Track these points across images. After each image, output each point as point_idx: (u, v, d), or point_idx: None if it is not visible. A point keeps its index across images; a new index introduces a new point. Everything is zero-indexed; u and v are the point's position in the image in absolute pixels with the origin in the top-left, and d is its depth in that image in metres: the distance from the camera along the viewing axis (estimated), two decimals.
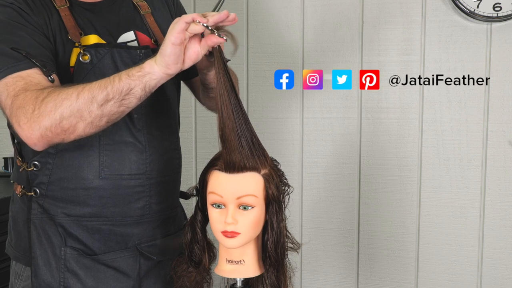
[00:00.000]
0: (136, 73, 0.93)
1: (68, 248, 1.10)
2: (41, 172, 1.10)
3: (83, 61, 1.07)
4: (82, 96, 0.92)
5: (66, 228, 1.11)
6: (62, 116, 0.92)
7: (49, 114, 0.92)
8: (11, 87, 0.97)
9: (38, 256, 1.10)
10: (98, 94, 0.92)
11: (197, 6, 2.03)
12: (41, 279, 1.10)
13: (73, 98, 0.92)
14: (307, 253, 1.99)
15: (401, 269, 1.91)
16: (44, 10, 1.08)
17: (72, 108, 0.92)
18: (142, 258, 1.16)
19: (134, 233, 1.15)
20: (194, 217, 1.04)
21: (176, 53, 0.91)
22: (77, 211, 1.11)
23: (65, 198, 1.10)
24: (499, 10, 1.72)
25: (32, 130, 0.93)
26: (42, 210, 1.11)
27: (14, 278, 1.17)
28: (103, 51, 1.09)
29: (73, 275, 1.10)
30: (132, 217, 1.14)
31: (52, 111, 0.92)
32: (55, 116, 0.92)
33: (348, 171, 1.93)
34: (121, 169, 1.11)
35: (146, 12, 1.23)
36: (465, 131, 1.82)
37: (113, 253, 1.13)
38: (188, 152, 2.09)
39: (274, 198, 0.97)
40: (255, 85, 2.00)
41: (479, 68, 1.78)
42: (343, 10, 1.89)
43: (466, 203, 1.84)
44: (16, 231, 1.17)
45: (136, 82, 0.93)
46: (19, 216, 1.16)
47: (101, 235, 1.12)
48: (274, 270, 1.01)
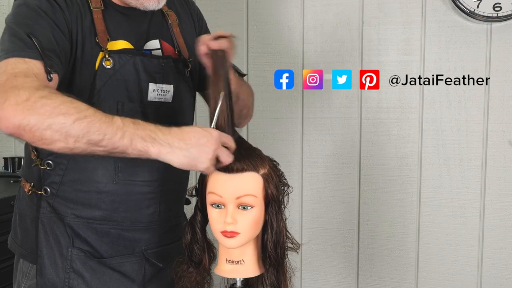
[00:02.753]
0: (139, 145, 0.90)
1: (75, 249, 1.10)
2: (54, 172, 1.10)
3: (106, 66, 1.07)
4: (78, 124, 0.88)
5: (74, 229, 1.11)
6: (49, 127, 0.88)
7: (39, 116, 0.88)
8: (10, 66, 0.94)
9: (45, 255, 1.10)
10: (94, 134, 0.89)
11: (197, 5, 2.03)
12: (46, 278, 1.10)
13: (69, 120, 0.88)
14: (307, 253, 1.99)
15: (401, 269, 1.91)
16: (78, 8, 1.07)
17: (63, 128, 0.88)
18: (147, 263, 1.17)
19: (142, 239, 1.16)
20: (194, 217, 1.04)
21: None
22: (88, 214, 1.11)
23: (77, 199, 1.10)
24: (499, 10, 1.72)
25: (15, 116, 0.88)
26: (51, 209, 1.11)
27: (21, 276, 1.17)
28: (126, 58, 1.09)
29: (78, 276, 1.10)
30: (141, 222, 1.15)
31: (43, 116, 0.88)
32: (43, 122, 0.88)
33: (348, 171, 1.93)
34: (135, 175, 1.11)
35: (174, 22, 1.24)
36: (465, 131, 1.82)
37: (120, 257, 1.14)
38: None
39: (274, 198, 0.97)
40: (255, 85, 1.98)
41: (479, 68, 1.78)
42: (343, 10, 1.89)
43: (466, 203, 1.84)
44: (23, 229, 1.17)
45: (133, 152, 0.91)
46: (27, 213, 1.16)
47: (110, 238, 1.13)
48: (274, 270, 1.01)
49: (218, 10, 2.01)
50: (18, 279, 1.19)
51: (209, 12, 2.05)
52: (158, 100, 1.14)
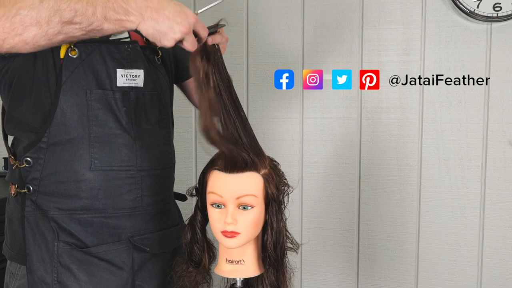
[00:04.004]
0: (113, 17, 0.90)
1: (61, 242, 1.10)
2: (33, 168, 1.11)
3: (72, 56, 1.08)
4: (47, 3, 0.88)
5: (58, 222, 1.11)
6: (17, 13, 0.87)
7: (5, 6, 0.88)
8: None
9: (32, 252, 1.11)
10: (65, 11, 0.88)
11: (197, 5, 2.03)
12: (36, 275, 1.10)
13: (36, 0, 0.88)
14: (307, 253, 1.99)
15: (401, 269, 1.91)
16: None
17: (32, 10, 0.87)
18: (135, 251, 1.16)
19: (127, 226, 1.15)
20: (194, 217, 1.04)
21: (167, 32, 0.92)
22: (69, 205, 1.11)
23: (57, 192, 1.11)
24: (499, 10, 1.72)
25: None
26: (35, 206, 1.12)
27: (9, 277, 1.18)
28: (92, 47, 1.10)
29: (66, 270, 1.10)
30: (124, 209, 1.14)
31: (9, 4, 0.88)
32: (10, 10, 0.87)
33: (348, 171, 1.93)
34: (111, 161, 1.11)
35: None
36: (465, 131, 1.82)
37: (105, 245, 1.13)
38: (188, 152, 2.09)
39: (274, 198, 0.97)
40: (255, 85, 2.00)
41: (479, 68, 1.78)
42: (343, 10, 1.89)
43: (466, 203, 1.84)
44: (11, 231, 1.17)
45: (110, 27, 0.91)
46: (14, 215, 1.16)
47: (94, 228, 1.13)
48: (274, 270, 1.01)
49: (218, 10, 2.00)
50: (6, 281, 1.19)
51: (209, 12, 2.05)
52: (128, 85, 1.14)
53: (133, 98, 1.14)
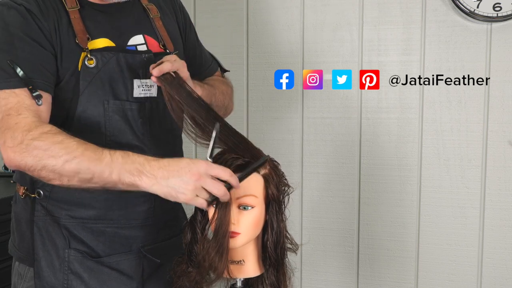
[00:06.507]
0: (127, 180, 0.93)
1: (72, 250, 1.10)
2: None
3: (89, 65, 1.07)
4: (68, 165, 0.94)
5: (70, 230, 1.11)
6: (43, 168, 0.95)
7: (33, 158, 0.95)
8: (2, 101, 0.99)
9: (41, 257, 1.10)
10: (84, 173, 0.94)
11: (197, 5, 2.03)
12: (44, 281, 1.10)
13: (59, 162, 0.94)
14: (307, 253, 1.99)
15: (401, 269, 1.91)
16: (54, 12, 1.07)
17: (55, 169, 0.94)
18: (145, 260, 1.17)
19: (139, 236, 1.16)
20: (194, 217, 1.04)
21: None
22: (82, 214, 1.11)
23: (70, 199, 1.10)
24: (499, 10, 1.72)
25: (14, 157, 0.96)
26: (45, 212, 1.11)
27: (17, 278, 1.17)
28: (108, 56, 1.09)
29: (76, 277, 1.10)
30: (137, 220, 1.15)
31: (36, 158, 0.94)
32: (38, 163, 0.95)
33: (348, 171, 1.93)
34: None
35: (155, 16, 1.23)
36: (465, 131, 1.82)
37: (117, 255, 1.14)
38: (188, 152, 2.08)
39: (274, 198, 0.98)
40: (255, 85, 2.00)
41: (479, 68, 1.78)
42: (343, 10, 1.89)
43: (466, 203, 1.84)
44: (19, 232, 1.17)
45: (123, 187, 0.94)
46: (22, 217, 1.16)
47: (106, 237, 1.13)
48: (274, 270, 1.01)
49: (218, 10, 2.01)
50: (14, 281, 1.19)
51: (209, 12, 2.06)
52: (143, 96, 1.14)
53: (148, 108, 1.14)
